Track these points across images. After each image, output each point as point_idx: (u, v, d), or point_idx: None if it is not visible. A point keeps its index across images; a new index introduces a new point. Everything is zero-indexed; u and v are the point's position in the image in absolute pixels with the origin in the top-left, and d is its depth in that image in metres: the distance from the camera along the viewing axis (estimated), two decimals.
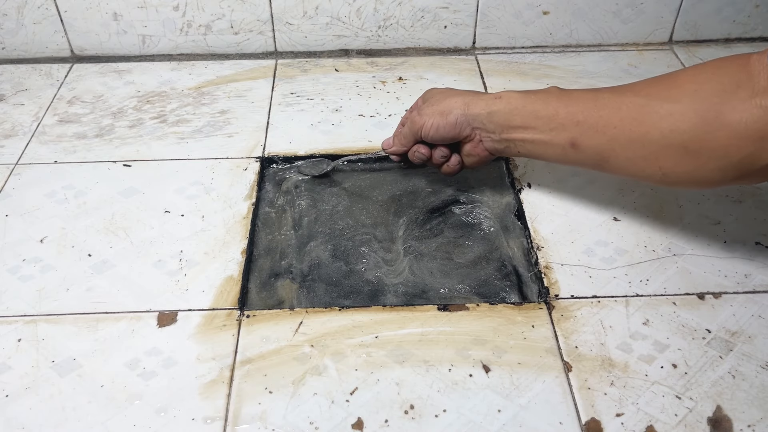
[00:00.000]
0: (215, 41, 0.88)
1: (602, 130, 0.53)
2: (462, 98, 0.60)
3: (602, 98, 0.54)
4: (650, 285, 0.58)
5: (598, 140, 0.53)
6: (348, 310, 0.56)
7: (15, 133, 0.76)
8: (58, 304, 0.57)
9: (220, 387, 0.51)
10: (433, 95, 0.62)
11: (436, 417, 0.49)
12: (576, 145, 0.55)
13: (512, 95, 0.58)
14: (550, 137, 0.56)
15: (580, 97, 0.55)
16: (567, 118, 0.55)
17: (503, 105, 0.58)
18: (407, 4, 0.86)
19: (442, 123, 0.59)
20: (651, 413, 0.49)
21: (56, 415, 0.49)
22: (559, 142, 0.56)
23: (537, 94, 0.57)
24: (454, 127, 0.59)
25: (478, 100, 0.59)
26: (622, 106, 0.52)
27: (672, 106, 0.49)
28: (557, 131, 0.55)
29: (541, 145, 0.57)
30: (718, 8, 0.87)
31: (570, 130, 0.55)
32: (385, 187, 0.70)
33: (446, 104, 0.60)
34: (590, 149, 0.54)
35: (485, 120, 0.59)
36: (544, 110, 0.56)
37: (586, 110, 0.54)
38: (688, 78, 0.50)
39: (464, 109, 0.59)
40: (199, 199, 0.67)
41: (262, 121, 0.78)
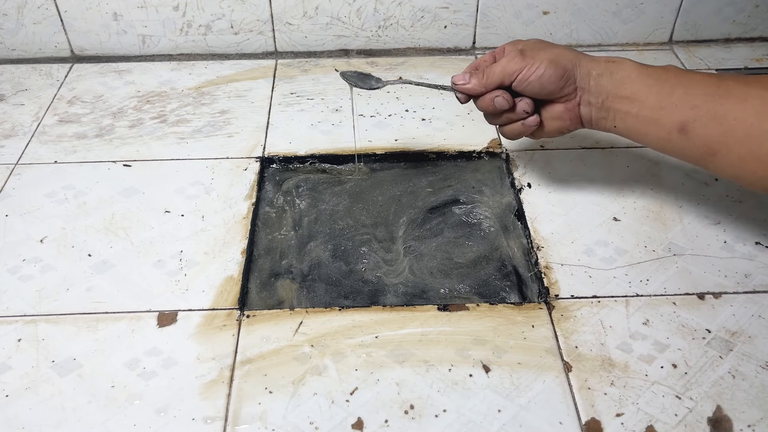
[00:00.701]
0: (215, 41, 0.88)
1: (720, 119, 0.48)
2: (572, 52, 0.54)
3: (725, 85, 0.49)
4: (650, 285, 0.58)
5: (712, 129, 0.48)
6: (348, 310, 0.56)
7: (15, 133, 0.76)
8: (58, 304, 0.57)
9: (220, 387, 0.51)
10: (533, 43, 0.55)
11: (436, 417, 0.49)
12: (686, 130, 0.49)
13: (627, 62, 0.53)
14: (658, 115, 0.51)
15: (701, 80, 0.50)
16: (683, 99, 0.50)
17: (616, 69, 0.53)
18: (407, 4, 0.86)
19: (549, 71, 0.53)
20: (651, 413, 0.49)
21: (56, 415, 0.49)
22: (667, 124, 0.50)
23: (655, 69, 0.52)
24: (561, 78, 0.53)
25: (590, 59, 0.54)
26: (748, 98, 0.47)
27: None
28: (668, 111, 0.50)
29: (645, 123, 0.52)
30: (718, 8, 0.87)
31: (683, 112, 0.49)
32: (385, 187, 0.70)
33: (557, 53, 0.54)
34: (700, 138, 0.49)
35: (593, 81, 0.53)
36: (658, 85, 0.51)
37: (707, 95, 0.49)
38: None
39: (575, 63, 0.53)
40: (199, 199, 0.67)
41: (262, 121, 0.78)
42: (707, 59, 0.88)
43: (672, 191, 0.67)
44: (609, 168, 0.70)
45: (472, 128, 0.76)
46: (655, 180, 0.68)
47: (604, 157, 0.71)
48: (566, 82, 0.54)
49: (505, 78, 0.54)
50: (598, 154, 0.72)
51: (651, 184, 0.68)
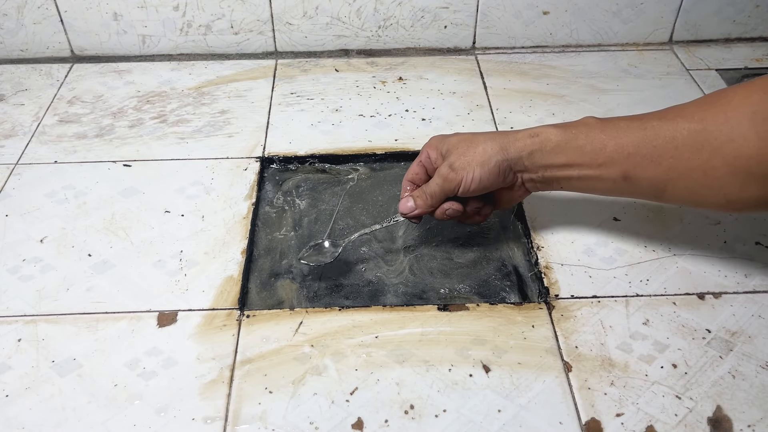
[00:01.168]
0: (215, 41, 0.88)
1: (657, 160, 0.50)
2: (494, 142, 0.55)
3: (651, 126, 0.50)
4: (650, 285, 0.58)
5: (653, 171, 0.50)
6: (348, 310, 0.56)
7: (15, 133, 0.76)
8: (58, 304, 0.57)
9: (220, 387, 0.51)
10: (453, 145, 0.56)
11: (436, 417, 0.49)
12: (629, 178, 0.51)
13: (549, 131, 0.54)
14: (599, 172, 0.52)
15: (626, 127, 0.51)
16: (616, 151, 0.51)
17: (543, 143, 0.54)
18: (407, 4, 0.86)
19: (484, 174, 0.54)
20: (651, 413, 0.49)
21: (56, 415, 0.49)
22: (610, 176, 0.52)
23: (577, 127, 0.54)
24: (498, 175, 0.55)
25: (513, 141, 0.55)
26: (677, 135, 0.49)
27: (732, 130, 0.46)
28: (607, 166, 0.52)
29: (590, 181, 0.53)
30: (718, 8, 0.87)
31: (621, 164, 0.51)
32: (385, 187, 0.70)
33: (481, 152, 0.54)
34: (645, 181, 0.51)
35: (526, 161, 0.54)
36: (590, 145, 0.52)
37: (637, 141, 0.50)
38: (741, 99, 0.47)
39: (503, 154, 0.54)
40: (199, 199, 0.67)
41: (262, 121, 0.78)
42: (707, 59, 0.88)
43: None
44: None
45: (472, 128, 0.76)
46: None
47: None
48: (504, 175, 0.55)
49: (448, 194, 0.56)
50: None
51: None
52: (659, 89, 0.82)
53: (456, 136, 0.57)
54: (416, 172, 0.60)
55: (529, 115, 0.78)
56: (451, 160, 0.55)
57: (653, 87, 0.83)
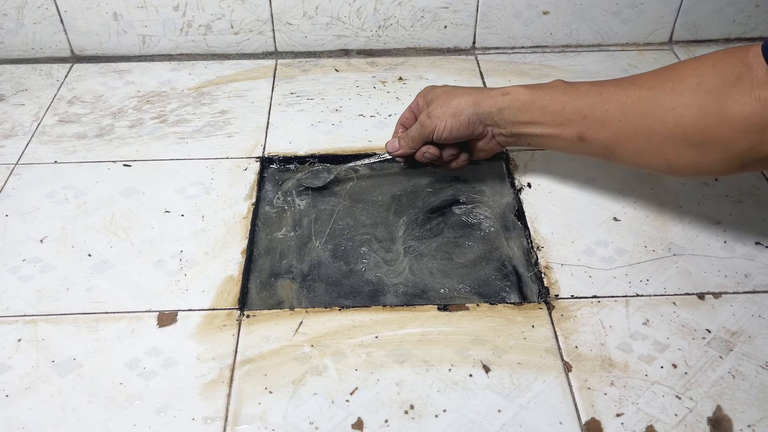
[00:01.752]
0: (215, 41, 0.88)
1: (608, 123, 0.54)
2: (470, 96, 0.60)
3: (607, 92, 0.54)
4: (650, 285, 0.58)
5: (604, 134, 0.55)
6: (348, 310, 0.56)
7: (15, 133, 0.76)
8: (58, 304, 0.57)
9: (220, 387, 0.51)
10: (436, 95, 0.62)
11: (436, 417, 0.49)
12: (583, 138, 0.56)
13: (519, 90, 0.59)
14: (558, 131, 0.57)
15: (586, 91, 0.56)
16: (574, 113, 0.56)
17: (512, 101, 0.59)
18: (407, 4, 0.86)
19: (455, 125, 0.60)
20: (651, 413, 0.49)
21: (56, 415, 0.49)
22: (567, 136, 0.57)
23: (543, 89, 0.58)
24: (467, 127, 0.60)
25: (486, 98, 0.60)
26: (627, 100, 0.53)
27: (675, 99, 0.50)
28: (565, 126, 0.57)
29: (550, 139, 0.58)
30: (718, 8, 0.87)
31: (577, 125, 0.56)
32: (385, 187, 0.70)
33: (455, 104, 0.60)
34: (597, 142, 0.56)
35: (496, 117, 0.60)
36: (552, 105, 0.57)
37: (592, 104, 0.55)
38: (690, 71, 0.50)
39: (475, 108, 0.60)
40: (199, 199, 0.67)
41: (262, 121, 0.78)
42: None
43: (672, 191, 0.67)
44: (609, 168, 0.70)
45: None
46: (655, 180, 0.68)
47: None
48: (474, 127, 0.61)
49: (425, 138, 0.62)
50: None
51: (651, 184, 0.68)
52: None
53: (441, 88, 0.63)
54: (407, 116, 0.67)
55: None
56: (430, 109, 0.62)
57: None
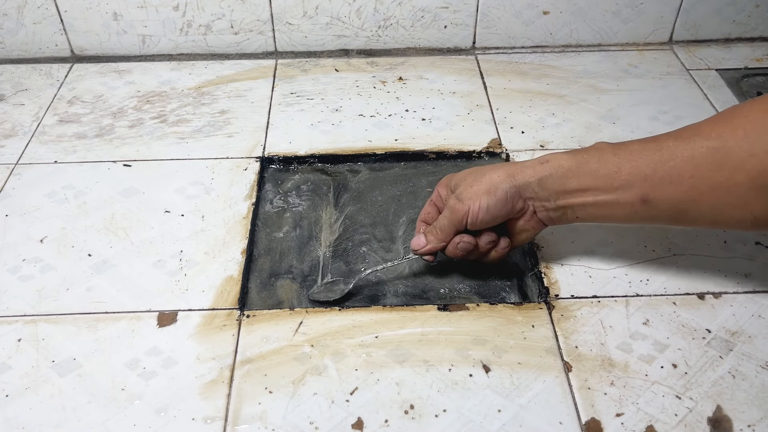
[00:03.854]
0: (215, 41, 0.88)
1: (677, 181, 0.48)
2: (503, 170, 0.53)
3: (667, 147, 0.48)
4: (650, 285, 0.58)
5: (673, 192, 0.48)
6: (348, 310, 0.56)
7: (15, 133, 0.76)
8: (58, 304, 0.57)
9: (220, 387, 0.51)
10: (462, 178, 0.55)
11: (436, 417, 0.49)
12: (648, 200, 0.49)
13: (560, 157, 0.52)
14: (615, 197, 0.50)
15: (641, 150, 0.50)
16: (632, 174, 0.49)
17: (554, 168, 0.52)
18: (407, 4, 0.86)
19: (492, 202, 0.52)
20: (651, 413, 0.49)
21: (56, 415, 0.49)
22: (628, 200, 0.50)
23: (588, 152, 0.52)
24: (506, 202, 0.53)
25: (522, 168, 0.53)
26: (695, 153, 0.47)
27: (752, 145, 0.45)
28: (623, 189, 0.50)
29: (606, 207, 0.51)
30: (718, 8, 0.87)
31: (639, 186, 0.49)
32: (385, 187, 0.70)
33: (488, 181, 0.53)
34: (665, 203, 0.49)
35: (537, 188, 0.53)
36: (604, 169, 0.50)
37: (654, 163, 0.48)
38: (759, 113, 0.46)
39: (511, 181, 0.53)
40: (199, 199, 0.67)
41: (262, 121, 0.78)
42: (707, 59, 0.88)
43: None
44: None
45: (472, 128, 0.76)
46: None
47: None
48: (513, 203, 0.53)
49: (458, 226, 0.54)
50: None
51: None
52: (659, 89, 0.82)
53: (465, 171, 0.56)
54: (428, 211, 0.59)
55: (529, 115, 0.78)
56: (458, 192, 0.54)
57: (653, 87, 0.83)
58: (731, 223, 0.48)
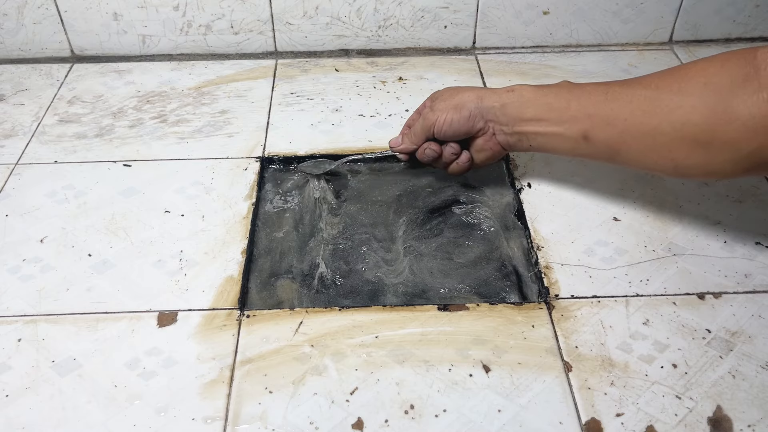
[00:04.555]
0: (215, 41, 0.88)
1: (613, 122, 0.54)
2: (475, 92, 0.61)
3: (612, 91, 0.54)
4: (650, 285, 0.58)
5: (609, 133, 0.54)
6: (348, 310, 0.56)
7: (15, 133, 0.76)
8: (58, 304, 0.57)
9: (220, 387, 0.51)
10: (441, 93, 0.63)
11: (436, 417, 0.49)
12: (588, 137, 0.55)
13: (525, 88, 0.59)
14: (562, 129, 0.57)
15: (591, 90, 0.56)
16: (579, 111, 0.55)
17: (516, 97, 0.59)
18: (407, 4, 0.86)
19: (456, 117, 0.60)
20: (651, 413, 0.49)
21: (56, 415, 0.49)
22: (572, 135, 0.56)
23: (549, 88, 0.58)
24: (468, 119, 0.60)
25: (491, 93, 0.60)
26: (633, 99, 0.52)
27: (682, 98, 0.50)
28: (569, 123, 0.56)
29: (554, 138, 0.58)
30: (718, 8, 0.87)
31: (582, 123, 0.55)
32: (385, 187, 0.70)
33: (459, 98, 0.61)
34: (602, 142, 0.55)
35: (498, 112, 0.59)
36: (557, 102, 0.57)
37: (598, 103, 0.54)
38: (697, 71, 0.50)
39: (477, 102, 0.60)
40: (199, 199, 0.67)
41: (262, 121, 0.78)
42: None
43: (672, 191, 0.67)
44: (609, 168, 0.70)
45: None
46: (655, 180, 0.68)
47: None
48: (474, 121, 0.60)
49: (427, 131, 0.62)
50: None
51: (651, 184, 0.68)
52: None
53: (447, 88, 0.63)
54: (414, 118, 0.66)
55: None
56: (434, 104, 0.62)
57: None
58: (656, 168, 0.54)
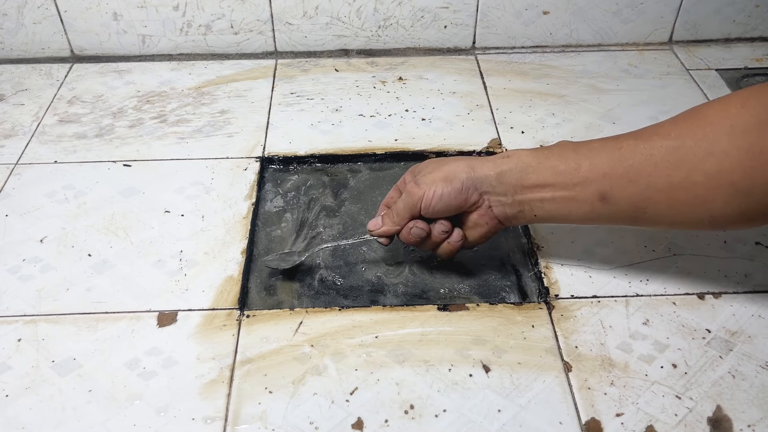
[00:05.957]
0: (215, 41, 0.88)
1: (635, 179, 0.48)
2: (464, 161, 0.54)
3: (627, 146, 0.49)
4: (650, 285, 0.58)
5: (632, 190, 0.49)
6: (348, 310, 0.56)
7: (15, 133, 0.76)
8: (58, 304, 0.57)
9: (220, 387, 0.51)
10: (425, 165, 0.56)
11: (436, 417, 0.49)
12: (606, 198, 0.50)
13: (522, 153, 0.53)
14: (574, 193, 0.51)
15: (601, 148, 0.50)
16: (592, 171, 0.50)
17: (514, 163, 0.52)
18: (407, 4, 0.86)
19: (446, 190, 0.53)
20: (651, 413, 0.49)
21: (56, 415, 0.49)
22: (586, 198, 0.50)
23: (550, 149, 0.53)
24: (461, 192, 0.53)
25: (484, 162, 0.54)
26: (654, 152, 0.48)
27: (711, 145, 0.45)
28: (582, 186, 0.50)
29: (565, 203, 0.51)
30: (718, 8, 0.87)
31: (598, 183, 0.49)
32: (385, 187, 0.70)
33: (448, 169, 0.54)
34: (624, 201, 0.49)
35: (495, 181, 0.53)
36: (563, 165, 0.51)
37: (613, 160, 0.49)
38: (718, 113, 0.46)
39: (469, 172, 0.53)
40: (199, 199, 0.67)
41: (262, 121, 0.78)
42: (707, 59, 0.88)
43: None
44: None
45: (472, 128, 0.76)
46: None
47: None
48: (468, 193, 0.53)
49: (412, 210, 0.55)
50: None
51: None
52: (659, 89, 0.82)
53: (431, 159, 0.57)
54: (392, 196, 0.59)
55: (529, 115, 0.78)
56: (418, 178, 0.55)
57: (653, 87, 0.83)
58: (689, 222, 0.49)
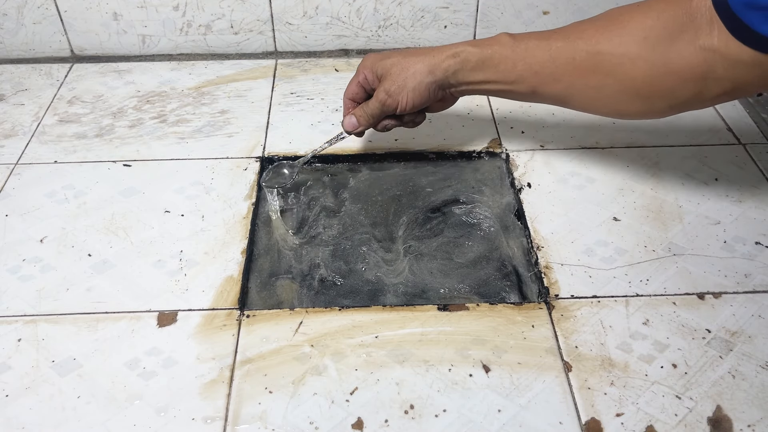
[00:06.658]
0: (215, 41, 0.88)
1: (559, 78, 0.57)
2: (421, 63, 0.61)
3: (556, 48, 0.57)
4: (650, 285, 0.58)
5: (556, 87, 0.58)
6: (348, 310, 0.56)
7: (15, 133, 0.76)
8: (58, 304, 0.57)
9: (220, 387, 0.51)
10: (386, 69, 0.62)
11: (436, 417, 0.49)
12: (536, 92, 0.59)
13: (468, 51, 0.60)
14: (511, 87, 0.60)
15: (534, 47, 0.58)
16: (525, 70, 0.58)
17: (463, 62, 0.60)
18: (407, 4, 0.86)
19: (416, 97, 0.61)
20: (651, 413, 0.49)
21: (56, 415, 0.49)
22: (521, 91, 0.60)
23: (492, 47, 0.59)
24: (429, 97, 0.62)
25: (437, 62, 0.60)
26: (576, 56, 0.55)
27: (623, 53, 0.53)
28: (518, 82, 0.59)
29: (505, 93, 0.61)
30: None
31: (530, 81, 0.58)
32: (384, 187, 0.70)
33: (411, 76, 0.60)
34: (550, 94, 0.59)
35: (451, 80, 0.61)
36: (503, 64, 0.59)
37: (543, 61, 0.57)
38: (636, 23, 0.52)
39: (432, 77, 0.61)
40: (199, 199, 0.67)
41: (262, 121, 0.78)
42: None
43: (672, 191, 0.67)
44: (609, 168, 0.70)
45: (472, 128, 0.76)
46: (655, 180, 0.68)
47: (603, 157, 0.71)
48: (434, 94, 0.62)
49: (387, 113, 0.63)
50: (597, 154, 0.72)
51: (651, 184, 0.68)
52: None
53: (389, 59, 0.62)
54: (355, 91, 0.65)
55: (529, 114, 0.78)
56: (386, 86, 0.61)
57: None
58: (600, 113, 0.60)
